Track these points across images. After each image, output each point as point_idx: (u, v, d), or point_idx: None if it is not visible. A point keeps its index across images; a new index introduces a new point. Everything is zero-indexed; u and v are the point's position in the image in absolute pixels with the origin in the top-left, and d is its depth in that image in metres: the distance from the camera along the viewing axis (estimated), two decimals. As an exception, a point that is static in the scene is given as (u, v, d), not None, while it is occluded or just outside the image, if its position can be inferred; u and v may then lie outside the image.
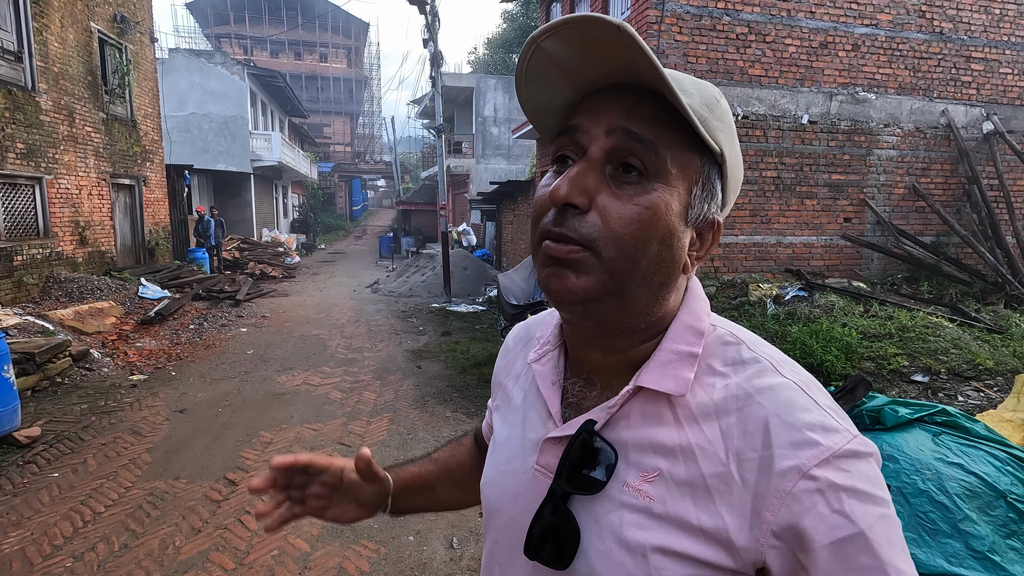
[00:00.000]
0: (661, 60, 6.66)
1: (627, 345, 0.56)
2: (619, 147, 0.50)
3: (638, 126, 0.50)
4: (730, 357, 0.54)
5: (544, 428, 0.60)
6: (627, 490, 0.52)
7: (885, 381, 4.22)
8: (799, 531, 0.45)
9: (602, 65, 0.50)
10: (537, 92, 0.55)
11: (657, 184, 0.50)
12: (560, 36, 0.49)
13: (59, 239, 8.24)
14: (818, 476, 0.45)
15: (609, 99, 0.52)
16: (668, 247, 0.51)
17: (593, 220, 0.50)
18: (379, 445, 4.09)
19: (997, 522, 1.91)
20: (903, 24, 7.41)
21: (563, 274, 0.51)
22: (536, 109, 0.57)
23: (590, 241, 0.50)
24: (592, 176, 0.51)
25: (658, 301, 0.54)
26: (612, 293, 0.51)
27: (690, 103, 0.50)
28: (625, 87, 0.51)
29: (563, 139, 0.54)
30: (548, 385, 0.61)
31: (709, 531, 0.48)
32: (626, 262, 0.50)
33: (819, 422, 0.47)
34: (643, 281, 0.51)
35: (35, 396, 4.98)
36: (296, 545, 2.88)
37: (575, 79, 0.53)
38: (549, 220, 0.51)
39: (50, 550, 2.81)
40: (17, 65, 7.53)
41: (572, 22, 0.47)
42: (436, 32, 11.23)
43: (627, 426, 0.54)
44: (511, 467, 0.62)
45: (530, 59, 0.52)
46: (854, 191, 7.61)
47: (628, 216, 0.49)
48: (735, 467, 0.48)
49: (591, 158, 0.51)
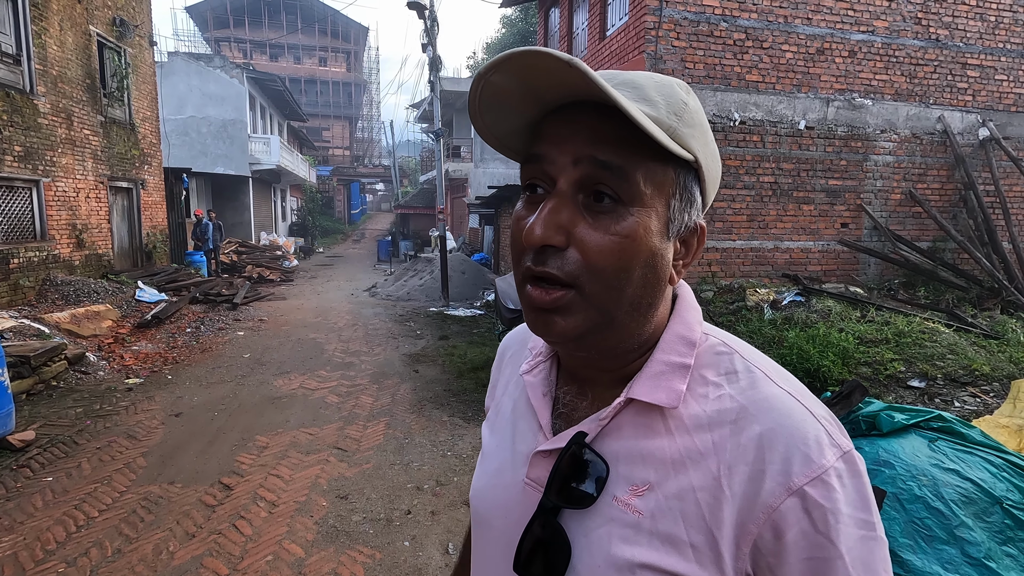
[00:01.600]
0: (659, 66, 6.71)
1: (619, 363, 0.55)
2: (588, 176, 0.49)
3: (604, 152, 0.48)
4: (723, 367, 0.53)
5: (534, 440, 0.59)
6: (616, 504, 0.51)
7: (882, 386, 4.22)
8: (780, 545, 0.45)
9: (558, 88, 0.48)
10: (495, 122, 0.54)
11: (633, 208, 0.49)
12: (506, 71, 0.47)
13: (56, 242, 8.22)
14: (806, 494, 0.45)
15: (571, 124, 0.49)
16: (652, 268, 0.51)
17: (573, 256, 0.49)
18: (375, 450, 4.08)
19: (993, 528, 1.91)
20: (899, 31, 7.45)
21: (550, 319, 0.50)
22: (497, 136, 0.55)
23: (573, 278, 0.48)
24: (565, 210, 0.49)
25: (648, 320, 0.53)
26: (601, 326, 0.50)
27: (656, 115, 0.49)
28: (586, 105, 0.49)
29: (530, 168, 0.52)
30: (539, 396, 0.60)
31: (698, 547, 0.47)
32: (611, 293, 0.49)
33: (812, 436, 0.47)
34: (631, 307, 0.51)
35: (30, 400, 4.95)
36: (291, 550, 2.86)
37: (531, 103, 0.51)
38: (529, 261, 0.50)
39: (43, 555, 2.79)
40: (16, 68, 7.53)
41: (518, 56, 0.45)
42: (435, 37, 11.27)
43: (618, 438, 0.53)
44: (501, 479, 0.61)
45: (481, 92, 0.50)
46: (851, 196, 7.63)
47: (608, 248, 0.48)
48: (726, 479, 0.48)
49: (561, 191, 0.49)
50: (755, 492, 0.46)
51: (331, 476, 3.66)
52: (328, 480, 3.61)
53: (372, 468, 3.79)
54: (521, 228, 0.51)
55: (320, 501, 3.35)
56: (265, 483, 3.56)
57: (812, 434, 0.47)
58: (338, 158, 42.62)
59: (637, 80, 0.50)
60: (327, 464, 3.83)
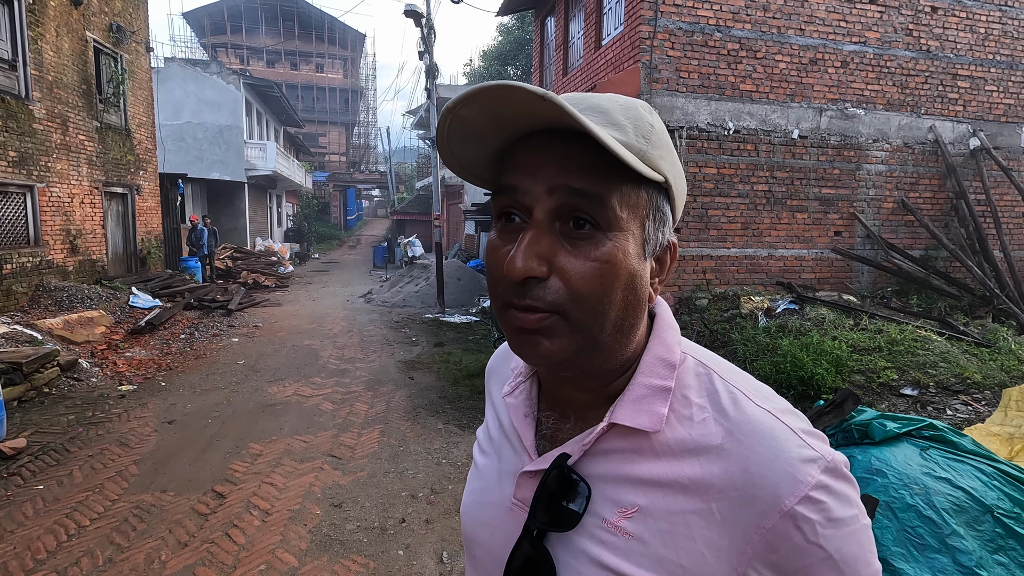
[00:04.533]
0: (654, 75, 6.78)
1: (601, 383, 0.56)
2: (564, 204, 0.49)
3: (579, 180, 0.48)
4: (704, 388, 0.54)
5: (519, 461, 0.59)
6: (606, 526, 0.51)
7: (875, 394, 4.24)
8: (774, 560, 0.48)
9: (527, 117, 0.48)
10: (461, 151, 0.53)
11: (611, 233, 0.49)
12: (477, 104, 0.47)
13: (50, 247, 8.18)
14: (796, 513, 0.47)
15: (541, 152, 0.49)
16: (633, 290, 0.51)
17: (555, 285, 0.49)
18: (370, 457, 4.06)
19: (984, 537, 1.91)
20: (891, 42, 7.54)
21: (535, 341, 0.50)
22: (463, 165, 0.55)
23: (556, 306, 0.49)
24: (544, 240, 0.49)
25: (631, 340, 0.54)
26: (586, 348, 0.51)
27: (625, 139, 0.49)
28: (553, 132, 0.49)
29: (503, 199, 0.52)
30: (521, 418, 0.61)
31: (688, 569, 0.48)
32: (596, 318, 0.50)
33: (795, 456, 0.48)
34: (615, 329, 0.51)
35: (21, 407, 4.91)
36: (284, 560, 2.84)
37: (498, 131, 0.51)
38: (510, 291, 0.50)
39: (33, 564, 2.76)
40: (11, 73, 7.52)
41: (488, 91, 0.45)
42: (432, 44, 11.32)
43: (604, 461, 0.53)
44: (488, 498, 0.62)
45: (449, 126, 0.50)
46: (844, 205, 7.69)
47: (589, 274, 0.48)
48: (716, 505, 0.49)
49: (538, 221, 0.49)
50: (747, 517, 0.48)
51: (325, 484, 3.65)
52: (322, 488, 3.59)
53: (366, 476, 3.77)
54: (498, 258, 0.51)
55: (314, 509, 3.33)
56: (259, 491, 3.54)
57: (795, 453, 0.48)
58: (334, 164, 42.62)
59: (603, 104, 0.51)
60: (321, 472, 3.82)
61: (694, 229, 7.21)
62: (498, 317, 0.53)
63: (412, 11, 10.55)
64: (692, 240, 7.22)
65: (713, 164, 7.17)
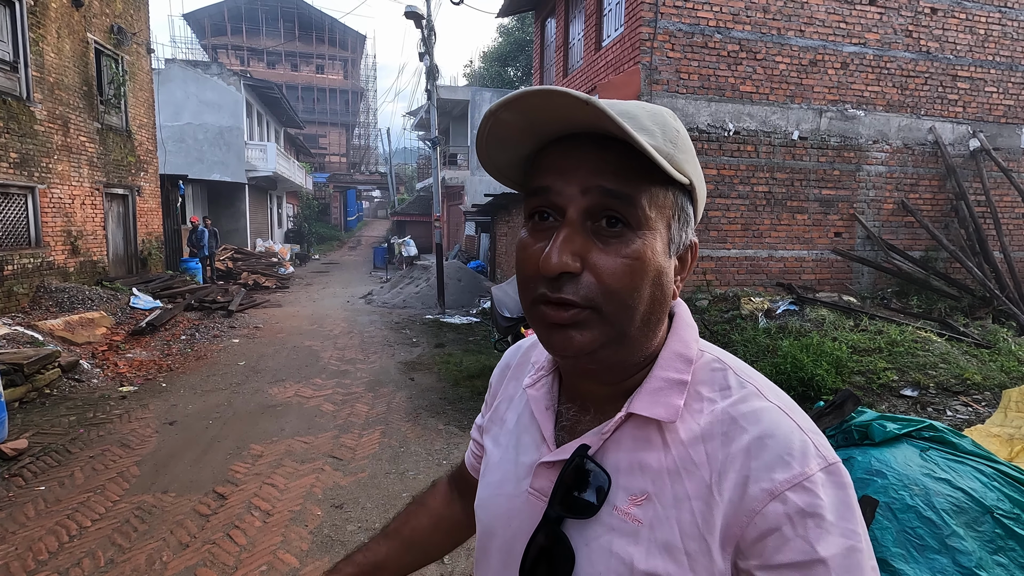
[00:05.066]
0: (654, 76, 6.79)
1: (622, 376, 0.58)
2: (597, 204, 0.51)
3: (611, 181, 0.50)
4: (718, 383, 0.56)
5: (538, 452, 0.61)
6: (616, 514, 0.53)
7: (875, 395, 4.25)
8: (761, 547, 0.47)
9: (561, 122, 0.51)
10: (498, 154, 0.56)
11: (640, 232, 0.51)
12: (519, 108, 0.50)
13: (51, 249, 8.19)
14: (788, 498, 0.47)
15: (574, 154, 0.52)
16: (659, 286, 0.53)
17: (588, 281, 0.51)
18: (370, 458, 4.07)
19: (984, 538, 1.92)
20: (891, 43, 7.56)
21: (568, 334, 0.52)
22: (498, 167, 0.58)
23: (589, 301, 0.51)
24: (578, 238, 0.51)
25: (655, 335, 0.56)
26: (614, 340, 0.53)
27: (655, 144, 0.51)
28: (584, 136, 0.52)
29: (536, 199, 0.54)
30: (542, 410, 0.62)
31: (693, 554, 0.49)
32: (626, 311, 0.52)
33: (798, 446, 0.49)
34: (643, 323, 0.53)
35: (22, 408, 4.92)
36: (285, 560, 2.85)
37: (532, 135, 0.53)
38: (544, 287, 0.52)
39: (34, 565, 2.77)
40: (12, 75, 7.53)
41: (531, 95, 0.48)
42: (432, 46, 11.34)
43: (618, 450, 0.55)
44: (504, 490, 0.63)
45: (489, 129, 0.53)
46: (844, 206, 7.70)
47: (620, 271, 0.51)
48: (716, 487, 0.50)
49: (571, 220, 0.51)
50: (740, 496, 0.49)
51: (326, 485, 3.65)
52: (323, 489, 3.60)
53: (367, 477, 3.78)
54: (531, 255, 0.53)
55: (315, 510, 3.33)
56: (259, 492, 3.54)
57: (798, 444, 0.49)
58: (335, 165, 42.66)
59: (631, 110, 0.53)
60: (322, 473, 3.82)
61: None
62: (527, 314, 0.55)
63: (412, 12, 10.57)
64: (692, 241, 7.22)
65: (713, 165, 7.18)
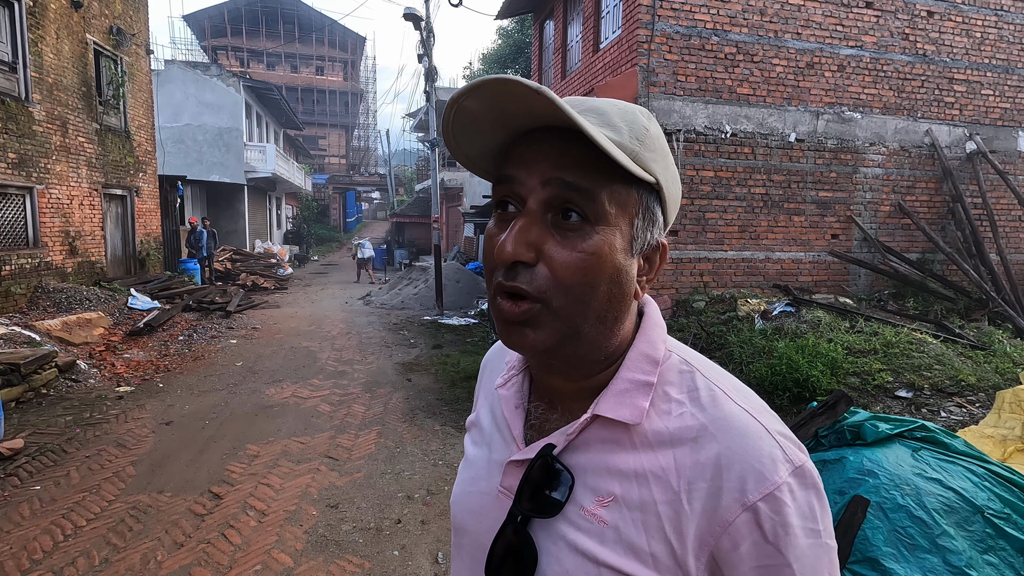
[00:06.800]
0: (651, 78, 6.80)
1: (587, 374, 0.58)
2: (556, 196, 0.51)
3: (571, 174, 0.51)
4: (685, 385, 0.56)
5: (508, 450, 0.62)
6: (583, 514, 0.53)
7: (870, 396, 4.26)
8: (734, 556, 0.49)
9: (526, 115, 0.51)
10: (466, 144, 0.57)
11: (599, 227, 0.51)
12: (479, 96, 0.50)
13: (48, 249, 8.20)
14: (758, 509, 0.48)
15: (539, 147, 0.52)
16: (618, 284, 0.53)
17: (542, 272, 0.51)
18: (366, 459, 4.07)
19: (974, 537, 1.92)
20: (887, 46, 7.58)
21: (520, 331, 0.52)
22: (468, 157, 0.58)
23: (541, 292, 0.51)
24: (535, 229, 0.51)
25: (614, 333, 0.56)
26: (569, 338, 0.53)
27: (619, 140, 0.51)
28: (553, 129, 0.52)
29: (501, 188, 0.55)
30: (512, 409, 0.63)
31: (659, 557, 0.50)
32: (578, 307, 0.52)
33: (767, 453, 0.50)
34: (597, 320, 0.53)
35: (19, 408, 4.92)
36: (280, 560, 2.85)
37: (501, 127, 0.54)
38: (500, 276, 0.52)
39: (29, 565, 2.77)
40: (11, 76, 7.54)
41: (488, 84, 0.48)
42: (431, 47, 11.36)
43: (585, 451, 0.56)
44: (477, 487, 0.64)
45: (454, 117, 0.53)
46: (841, 208, 7.72)
47: (574, 264, 0.51)
48: (685, 495, 0.50)
49: (530, 211, 0.52)
50: (713, 508, 0.49)
51: (322, 485, 3.66)
52: (319, 489, 3.60)
53: (363, 477, 3.78)
54: (493, 245, 0.54)
55: (310, 510, 3.34)
56: (255, 492, 3.55)
57: (767, 451, 0.50)
58: (334, 167, 42.69)
59: (601, 107, 0.53)
60: (318, 473, 3.83)
61: (691, 232, 7.23)
62: (491, 307, 0.55)
63: (412, 14, 10.59)
64: (690, 243, 7.24)
65: (710, 167, 7.20)
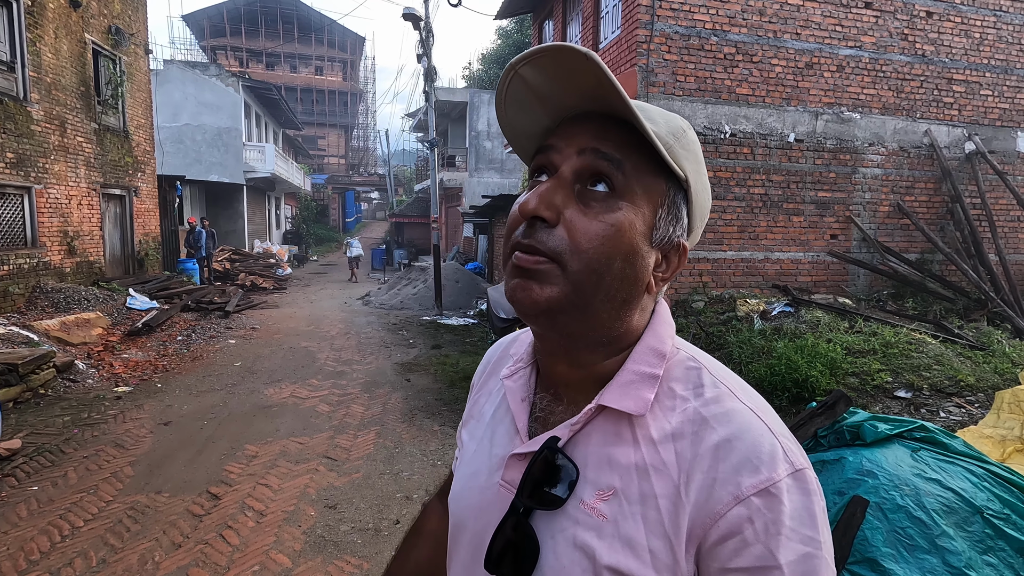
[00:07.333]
0: (650, 79, 6.80)
1: (591, 359, 0.57)
2: (588, 166, 0.53)
3: (607, 147, 0.53)
4: (691, 381, 0.55)
5: (511, 444, 0.61)
6: (583, 508, 0.53)
7: (869, 397, 4.26)
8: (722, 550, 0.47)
9: (574, 92, 0.53)
10: (516, 117, 0.58)
11: (623, 203, 0.53)
12: (536, 63, 0.52)
13: (47, 249, 8.18)
14: (752, 503, 0.47)
15: (581, 124, 0.55)
16: (631, 264, 0.53)
17: (560, 234, 0.52)
18: (365, 459, 4.07)
19: (974, 538, 1.92)
20: (886, 46, 7.59)
21: (528, 285, 0.52)
22: (515, 133, 0.60)
23: (556, 254, 0.51)
24: (561, 192, 0.53)
25: (620, 316, 0.55)
26: (575, 305, 0.53)
27: (656, 130, 0.53)
28: (596, 115, 0.54)
29: (540, 157, 0.57)
30: (518, 401, 0.62)
31: (656, 552, 0.49)
32: (590, 276, 0.52)
33: (767, 450, 0.49)
34: (606, 296, 0.53)
35: (17, 408, 4.91)
36: (278, 561, 2.85)
37: (550, 106, 0.56)
38: (519, 232, 0.54)
39: (26, 565, 2.76)
40: (9, 75, 7.53)
41: (546, 50, 0.50)
42: (430, 47, 11.35)
43: (588, 444, 0.55)
44: (477, 482, 0.63)
45: (509, 84, 0.55)
46: (840, 208, 7.72)
47: (593, 232, 0.51)
48: (683, 487, 0.50)
49: (561, 175, 0.54)
50: (706, 498, 0.48)
51: (320, 486, 3.65)
52: (317, 490, 3.59)
53: (361, 478, 3.77)
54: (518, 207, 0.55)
55: (308, 511, 3.33)
56: (253, 492, 3.54)
57: (767, 448, 0.49)
58: (333, 167, 42.67)
59: (644, 106, 0.55)
60: (316, 473, 3.82)
61: (691, 232, 7.23)
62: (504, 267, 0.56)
63: (411, 14, 10.59)
64: (689, 243, 7.23)
65: (709, 167, 7.19)
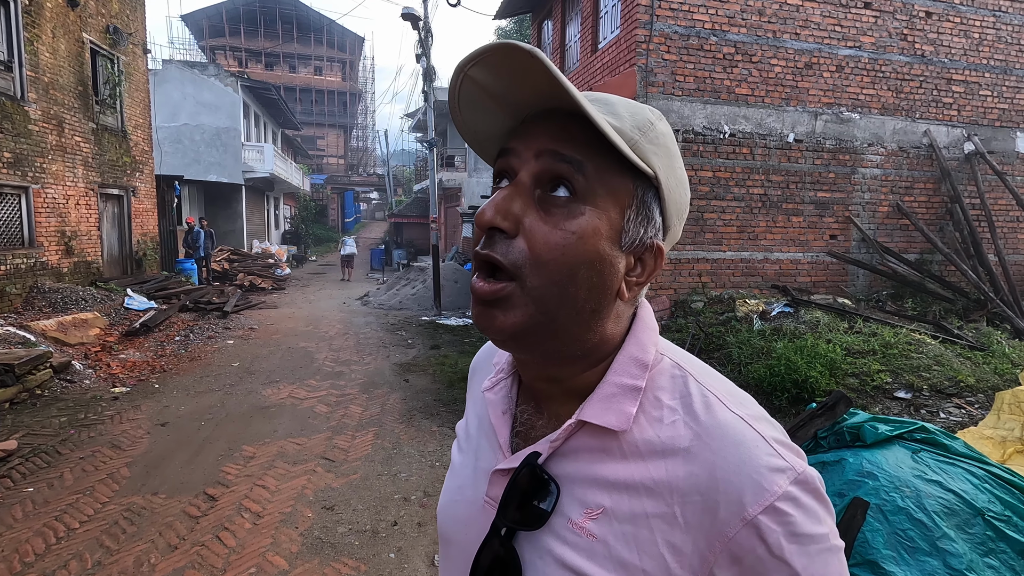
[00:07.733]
0: (649, 79, 6.80)
1: (570, 372, 0.55)
2: (547, 169, 0.50)
3: (566, 148, 0.50)
4: (678, 390, 0.53)
5: (494, 458, 0.59)
6: (571, 527, 0.51)
7: (868, 397, 4.25)
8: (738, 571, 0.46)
9: (528, 90, 0.50)
10: (474, 119, 0.55)
11: (586, 207, 0.50)
12: (484, 64, 0.49)
13: (44, 249, 8.16)
14: (760, 522, 0.45)
15: (540, 124, 0.52)
16: (598, 272, 0.51)
17: (520, 246, 0.49)
18: (363, 460, 4.05)
19: (975, 540, 1.91)
20: (886, 47, 7.58)
21: (491, 314, 0.51)
22: (475, 137, 0.57)
23: (516, 268, 0.49)
24: (519, 200, 0.50)
25: (592, 327, 0.53)
26: (541, 324, 0.50)
27: (619, 126, 0.50)
28: (557, 112, 0.51)
29: (500, 161, 0.54)
30: (498, 414, 0.61)
31: (650, 573, 0.47)
32: (552, 289, 0.49)
33: (765, 463, 0.47)
34: (572, 308, 0.51)
35: (13, 408, 4.89)
36: (274, 562, 2.83)
37: (506, 106, 0.53)
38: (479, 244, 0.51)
39: (20, 567, 2.74)
40: (7, 75, 7.51)
41: (493, 49, 0.47)
42: (429, 47, 11.34)
43: (573, 460, 0.53)
44: (463, 496, 0.62)
45: (460, 87, 0.52)
46: (839, 209, 7.71)
47: (554, 242, 0.49)
48: (679, 509, 0.48)
49: (520, 181, 0.51)
50: (710, 523, 0.47)
51: (318, 487, 3.63)
52: (314, 491, 3.58)
53: (359, 479, 3.76)
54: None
55: (306, 512, 3.31)
56: (250, 494, 3.52)
57: (764, 461, 0.47)
58: (332, 167, 42.65)
59: (610, 99, 0.53)
60: (314, 475, 3.80)
61: (690, 232, 7.22)
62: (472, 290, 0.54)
63: (410, 14, 10.58)
64: (688, 243, 7.23)
65: (709, 168, 7.19)
